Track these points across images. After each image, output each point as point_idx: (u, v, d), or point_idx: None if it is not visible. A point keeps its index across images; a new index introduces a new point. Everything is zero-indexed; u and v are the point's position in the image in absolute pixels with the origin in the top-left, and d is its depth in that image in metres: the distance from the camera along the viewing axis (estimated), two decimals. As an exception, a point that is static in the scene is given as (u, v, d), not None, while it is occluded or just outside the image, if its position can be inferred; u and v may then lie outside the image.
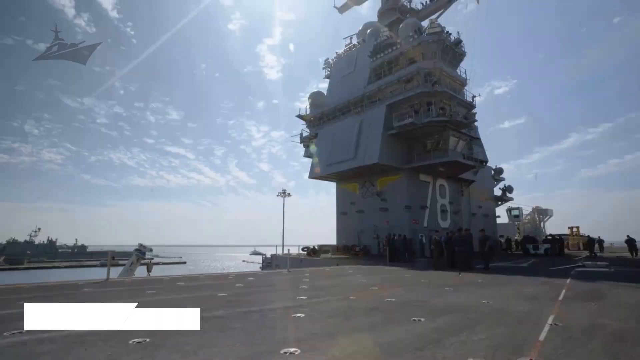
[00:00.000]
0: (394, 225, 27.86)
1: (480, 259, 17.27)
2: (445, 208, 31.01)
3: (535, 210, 40.50)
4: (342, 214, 33.11)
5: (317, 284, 10.56)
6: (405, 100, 28.16)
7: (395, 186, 29.04)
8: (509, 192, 39.87)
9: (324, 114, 34.82)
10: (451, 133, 27.37)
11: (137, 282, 10.59)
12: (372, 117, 29.28)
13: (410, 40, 29.43)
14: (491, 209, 37.88)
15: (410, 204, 27.96)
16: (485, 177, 36.99)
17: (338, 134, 31.36)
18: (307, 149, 36.44)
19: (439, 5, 36.98)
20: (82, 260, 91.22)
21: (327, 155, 31.27)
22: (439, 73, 27.87)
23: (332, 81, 36.96)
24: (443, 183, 31.40)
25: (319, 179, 33.61)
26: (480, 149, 34.47)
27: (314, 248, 28.80)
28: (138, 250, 31.92)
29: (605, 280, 11.49)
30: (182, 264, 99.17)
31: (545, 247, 28.98)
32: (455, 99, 28.02)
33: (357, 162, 28.59)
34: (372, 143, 28.01)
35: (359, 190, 31.68)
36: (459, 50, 30.08)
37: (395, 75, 29.69)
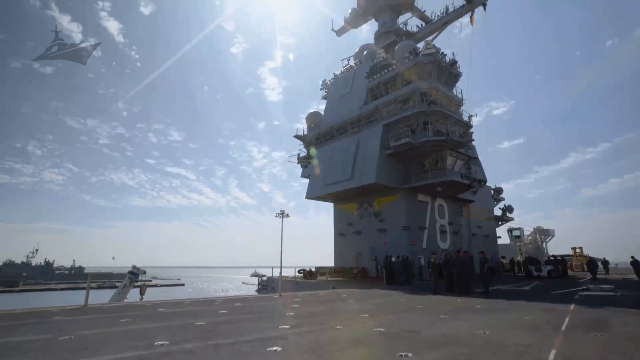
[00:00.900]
0: (393, 247, 27.23)
1: (481, 281, 16.63)
2: (445, 229, 30.41)
3: (537, 230, 39.77)
4: (340, 235, 32.47)
5: (305, 311, 10.00)
6: (401, 120, 28.09)
7: (393, 207, 28.56)
8: (509, 212, 39.30)
9: (321, 134, 34.75)
10: (448, 152, 27.15)
11: (116, 309, 10.04)
12: (369, 137, 29.14)
13: (406, 61, 29.67)
14: (492, 229, 37.20)
15: (408, 224, 27.40)
16: (485, 196, 36.53)
17: (335, 154, 31.16)
18: (304, 170, 36.18)
19: (434, 28, 37.56)
20: (79, 282, 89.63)
21: (324, 176, 30.96)
22: (435, 93, 27.90)
23: (330, 102, 37.11)
24: (442, 203, 30.92)
25: (317, 199, 33.16)
26: (478, 168, 34.18)
27: (311, 270, 28.03)
28: (131, 272, 31.18)
29: (611, 306, 10.88)
30: (180, 286, 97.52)
31: (548, 269, 28.18)
32: (451, 118, 27.94)
33: (354, 183, 28.24)
34: (369, 163, 27.74)
35: (357, 211, 31.18)
36: (454, 71, 30.27)
37: (392, 96, 29.77)
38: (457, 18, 36.07)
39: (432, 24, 37.80)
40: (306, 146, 36.88)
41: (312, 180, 32.60)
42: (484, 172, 35.29)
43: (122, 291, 29.51)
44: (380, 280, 22.42)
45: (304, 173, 36.29)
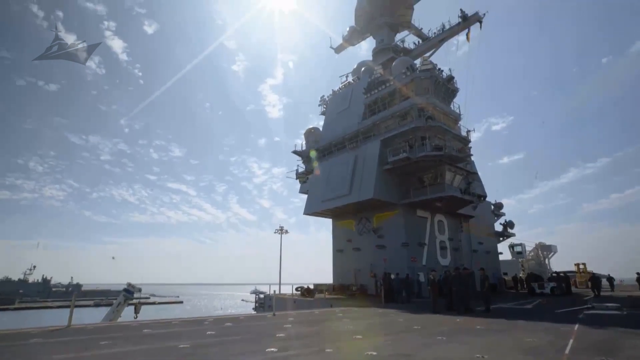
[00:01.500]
0: (392, 264, 26.72)
1: (482, 299, 16.14)
2: (445, 245, 29.91)
3: (539, 246, 39.12)
4: (339, 252, 31.96)
5: (297, 331, 9.58)
6: (399, 135, 28.02)
7: (392, 222, 28.18)
8: (510, 228, 38.78)
9: (319, 150, 34.67)
10: (447, 168, 26.95)
11: (99, 330, 9.62)
12: (367, 152, 29.02)
13: (403, 77, 29.82)
14: (493, 245, 36.62)
15: (407, 240, 26.95)
16: (485, 212, 36.12)
17: (333, 170, 30.98)
18: (302, 185, 35.97)
19: (431, 45, 37.98)
20: (76, 300, 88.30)
21: (322, 191, 30.70)
22: (432, 108, 27.91)
23: (328, 117, 37.19)
24: (441, 219, 30.52)
25: (315, 215, 32.78)
26: (478, 183, 33.96)
27: (309, 288, 27.43)
28: (126, 290, 30.56)
29: (618, 327, 10.41)
30: (178, 304, 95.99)
31: (552, 286, 27.58)
32: (449, 133, 27.86)
33: (352, 198, 27.94)
34: (367, 178, 27.52)
35: (356, 227, 30.76)
36: (451, 86, 30.37)
37: (389, 111, 29.80)
38: (453, 35, 36.50)
39: (429, 41, 38.24)
40: (305, 162, 36.78)
41: (311, 196, 32.32)
42: (483, 187, 35.04)
43: (116, 309, 28.82)
44: (379, 298, 21.87)
45: (302, 189, 36.06)
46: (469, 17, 34.64)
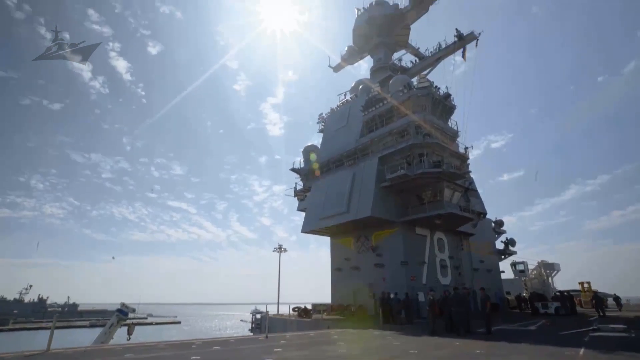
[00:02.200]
0: (391, 283, 26.14)
1: (483, 320, 15.59)
2: (445, 263, 29.31)
3: (541, 264, 38.36)
4: (337, 270, 31.33)
5: (287, 356, 9.13)
6: (397, 152, 27.91)
7: (391, 240, 27.71)
8: (511, 246, 38.15)
9: (317, 167, 34.53)
10: (445, 185, 26.67)
11: (79, 355, 9.18)
12: (365, 169, 28.85)
13: (400, 95, 29.96)
14: (494, 263, 35.92)
15: (406, 259, 26.42)
16: (486, 229, 35.61)
17: (331, 187, 30.73)
18: (300, 203, 35.68)
19: (428, 63, 38.40)
20: (72, 320, 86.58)
21: (320, 209, 30.36)
22: (430, 125, 27.90)
23: (326, 135, 37.23)
24: (441, 236, 30.04)
25: (313, 233, 32.33)
26: (477, 200, 33.64)
27: (305, 308, 26.72)
28: (119, 310, 29.87)
29: (626, 351, 9.92)
30: (176, 324, 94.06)
31: (556, 306, 26.85)
32: (447, 150, 27.75)
33: (350, 216, 27.57)
34: (364, 196, 27.24)
35: (354, 245, 30.26)
36: (448, 104, 30.48)
37: (387, 128, 29.82)
38: (449, 54, 36.93)
39: (426, 60, 38.68)
40: (303, 179, 36.60)
41: (309, 214, 31.94)
42: (483, 205, 34.69)
43: (108, 331, 28.09)
44: (378, 318, 21.23)
45: (300, 206, 35.76)
46: (464, 36, 35.14)
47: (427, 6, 39.63)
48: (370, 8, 41.30)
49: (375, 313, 24.94)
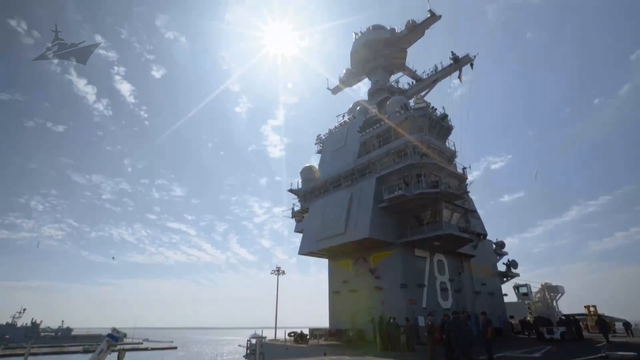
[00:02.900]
0: (390, 306, 25.45)
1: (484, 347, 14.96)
2: (446, 286, 28.60)
3: (545, 287, 37.32)
4: (335, 294, 30.59)
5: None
6: (394, 173, 27.79)
7: (389, 262, 27.16)
8: (513, 268, 37.34)
9: (315, 188, 34.38)
10: (444, 205, 26.36)
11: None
12: (362, 190, 28.64)
13: (397, 116, 30.14)
14: (496, 286, 35.05)
15: (406, 282, 25.78)
16: (487, 251, 34.96)
17: (328, 208, 30.43)
18: (298, 224, 35.29)
19: (425, 85, 38.91)
20: (64, 345, 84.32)
21: (318, 230, 29.95)
22: (427, 146, 27.90)
23: (324, 156, 37.27)
24: (441, 258, 29.46)
25: (310, 255, 31.79)
26: (477, 221, 33.24)
27: (302, 333, 25.92)
28: (110, 335, 29.09)
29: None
30: (172, 349, 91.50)
31: (561, 331, 25.91)
32: (445, 170, 27.62)
33: (348, 237, 27.15)
34: (362, 217, 26.90)
35: (352, 267, 29.66)
36: (445, 124, 30.60)
37: (384, 149, 29.83)
38: (445, 76, 37.45)
39: (423, 82, 39.22)
40: (301, 200, 36.37)
41: (306, 235, 31.52)
42: (483, 226, 34.25)
43: (97, 357, 27.25)
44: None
45: (298, 227, 35.33)
46: (460, 59, 35.73)
47: (422, 30, 40.47)
48: (367, 32, 42.24)
49: (374, 338, 24.16)
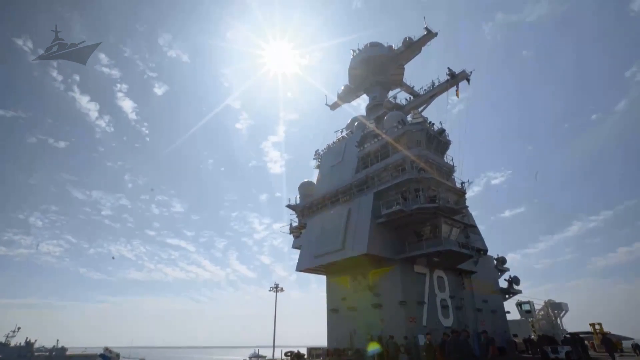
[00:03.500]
0: (390, 324, 24.88)
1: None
2: (446, 303, 27.97)
3: (548, 304, 36.60)
4: (333, 311, 29.93)
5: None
6: (392, 188, 27.57)
7: (388, 279, 26.67)
8: (515, 284, 36.65)
9: (313, 204, 34.14)
10: (443, 220, 26.05)
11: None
12: (360, 205, 28.37)
13: (395, 130, 30.17)
14: (499, 303, 34.29)
15: (405, 299, 25.24)
16: (488, 267, 34.36)
17: (326, 224, 30.08)
18: (296, 240, 34.88)
19: (422, 101, 39.10)
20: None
21: (315, 246, 29.54)
22: (425, 160, 27.80)
23: (322, 171, 37.14)
24: (441, 275, 28.93)
25: (308, 271, 31.26)
26: (477, 237, 32.85)
27: (299, 353, 25.26)
28: (102, 356, 28.47)
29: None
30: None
31: (567, 350, 25.17)
32: (443, 185, 27.42)
33: (346, 254, 26.71)
34: (360, 233, 26.53)
35: (350, 284, 29.12)
36: (443, 139, 30.59)
37: (382, 163, 29.72)
38: (443, 92, 37.64)
39: (420, 97, 39.43)
40: (299, 216, 36.07)
41: (303, 251, 31.07)
42: (483, 241, 33.83)
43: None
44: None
45: (295, 243, 34.89)
46: (456, 75, 36.00)
47: (419, 47, 40.99)
48: (365, 49, 42.78)
49: (374, 358, 23.45)
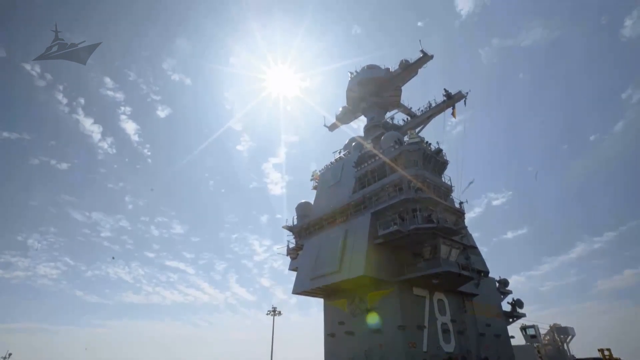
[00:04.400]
0: (389, 350, 23.95)
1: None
2: (447, 327, 27.03)
3: (554, 328, 35.38)
4: (330, 336, 28.93)
5: None
6: (390, 208, 27.24)
7: (387, 302, 25.90)
8: (519, 307, 35.56)
9: (310, 225, 33.70)
10: (442, 241, 25.54)
11: None
12: (357, 226, 27.95)
13: (392, 150, 30.12)
14: (502, 327, 33.11)
15: (404, 323, 24.41)
16: (490, 289, 33.45)
17: (323, 245, 29.56)
18: (292, 262, 34.23)
19: (419, 121, 39.35)
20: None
21: (312, 268, 28.89)
22: (422, 180, 27.57)
23: (319, 192, 36.89)
24: (441, 298, 28.12)
25: (304, 294, 30.42)
26: (478, 258, 32.20)
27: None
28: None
29: None
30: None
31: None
32: (441, 205, 27.08)
33: (343, 275, 26.02)
34: (357, 254, 25.96)
35: (348, 308, 28.28)
36: (440, 159, 30.46)
37: (379, 184, 29.50)
38: (440, 112, 37.96)
39: (417, 118, 39.71)
40: (296, 237, 35.56)
41: (300, 274, 30.35)
42: (484, 263, 33.14)
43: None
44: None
45: (292, 265, 34.19)
46: (453, 95, 36.40)
47: (416, 69, 41.58)
48: (362, 71, 43.39)
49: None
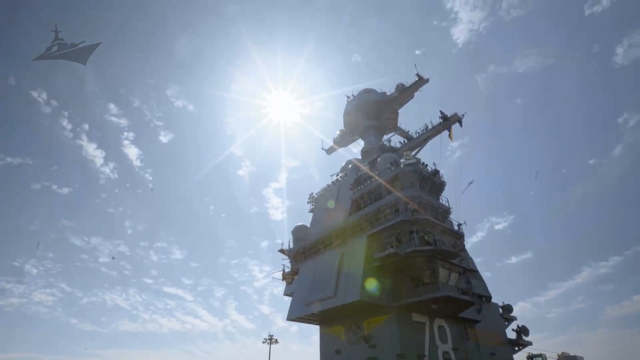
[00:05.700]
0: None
1: None
2: (449, 356, 25.73)
3: (562, 357, 33.77)
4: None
5: None
6: (386, 230, 26.64)
7: (384, 329, 24.80)
8: (524, 335, 34.01)
9: (306, 248, 32.96)
10: (440, 264, 24.76)
11: None
12: (353, 248, 27.24)
13: (388, 172, 29.86)
14: (507, 356, 31.56)
15: (403, 351, 23.24)
16: (493, 316, 32.14)
17: (318, 269, 28.73)
18: (287, 287, 33.23)
19: (416, 143, 39.34)
20: None
21: (307, 293, 27.93)
22: (419, 202, 27.11)
23: (316, 215, 36.38)
24: (442, 324, 26.95)
25: (299, 321, 29.27)
26: (479, 282, 31.19)
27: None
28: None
29: None
30: None
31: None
32: (438, 226, 26.47)
33: (338, 301, 25.09)
34: (353, 278, 25.14)
35: (344, 335, 27.07)
36: (437, 180, 30.13)
37: (375, 205, 29.02)
38: (436, 134, 37.96)
39: (414, 140, 39.72)
40: (291, 261, 34.71)
41: (295, 299, 29.35)
42: (486, 287, 32.07)
43: None
44: None
45: (287, 290, 33.17)
46: (448, 117, 36.48)
47: (412, 93, 41.97)
48: (359, 95, 43.83)
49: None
